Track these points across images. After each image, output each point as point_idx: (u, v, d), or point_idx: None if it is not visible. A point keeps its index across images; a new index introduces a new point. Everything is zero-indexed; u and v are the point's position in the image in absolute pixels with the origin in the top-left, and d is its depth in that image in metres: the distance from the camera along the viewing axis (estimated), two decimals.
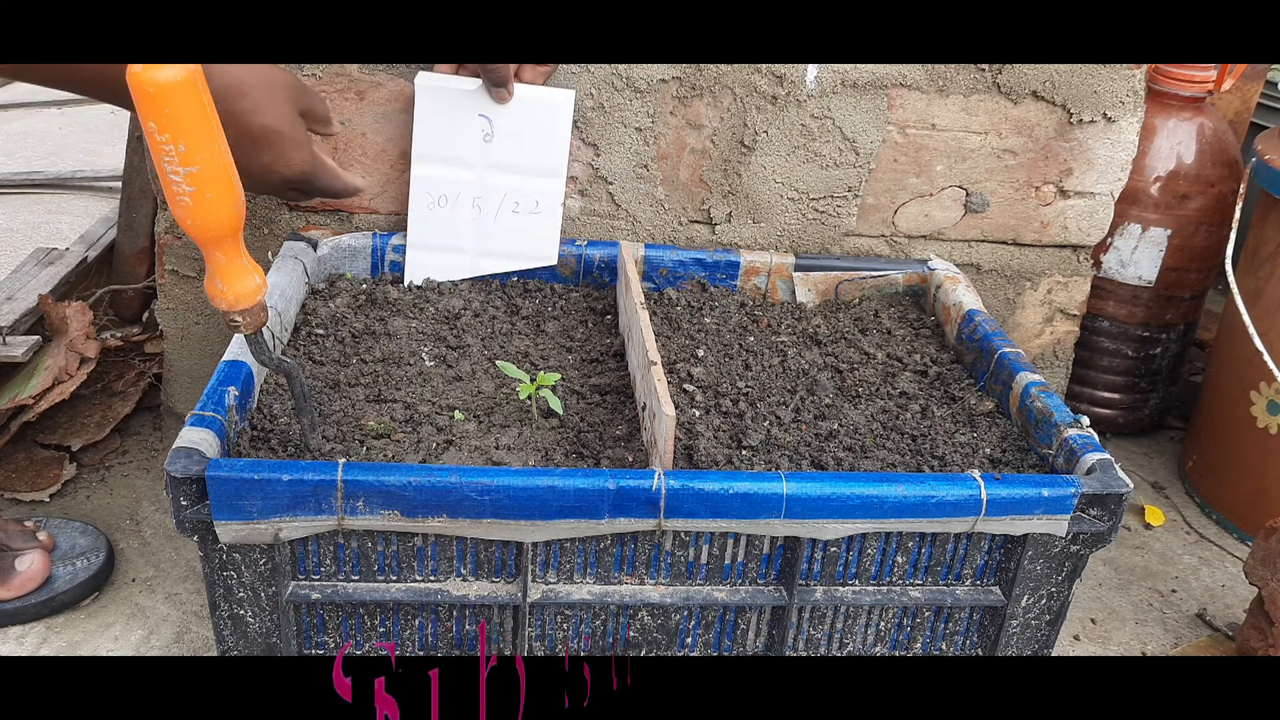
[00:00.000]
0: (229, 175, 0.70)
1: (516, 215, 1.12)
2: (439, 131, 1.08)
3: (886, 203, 1.22)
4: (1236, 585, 1.29)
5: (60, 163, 2.33)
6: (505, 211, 1.12)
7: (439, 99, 1.07)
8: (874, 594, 0.88)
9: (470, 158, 1.10)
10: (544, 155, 1.10)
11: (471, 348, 1.03)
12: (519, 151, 1.10)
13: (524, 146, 1.10)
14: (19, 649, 1.05)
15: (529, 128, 1.09)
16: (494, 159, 1.10)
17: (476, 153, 1.10)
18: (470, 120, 1.08)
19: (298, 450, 0.86)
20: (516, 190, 1.11)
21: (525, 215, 1.12)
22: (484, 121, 1.08)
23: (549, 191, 1.12)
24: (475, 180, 1.11)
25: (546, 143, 1.10)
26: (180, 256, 1.19)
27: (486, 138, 1.09)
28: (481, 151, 1.10)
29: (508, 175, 1.11)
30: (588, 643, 0.87)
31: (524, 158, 1.10)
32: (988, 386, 1.03)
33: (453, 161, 1.10)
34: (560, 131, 1.09)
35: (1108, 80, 1.17)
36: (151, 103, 0.65)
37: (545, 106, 1.08)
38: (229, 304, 0.76)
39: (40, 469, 1.28)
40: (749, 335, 1.11)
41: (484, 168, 1.11)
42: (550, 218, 1.13)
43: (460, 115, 1.08)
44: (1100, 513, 0.85)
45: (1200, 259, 1.47)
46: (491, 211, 1.12)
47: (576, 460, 0.88)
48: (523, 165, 1.11)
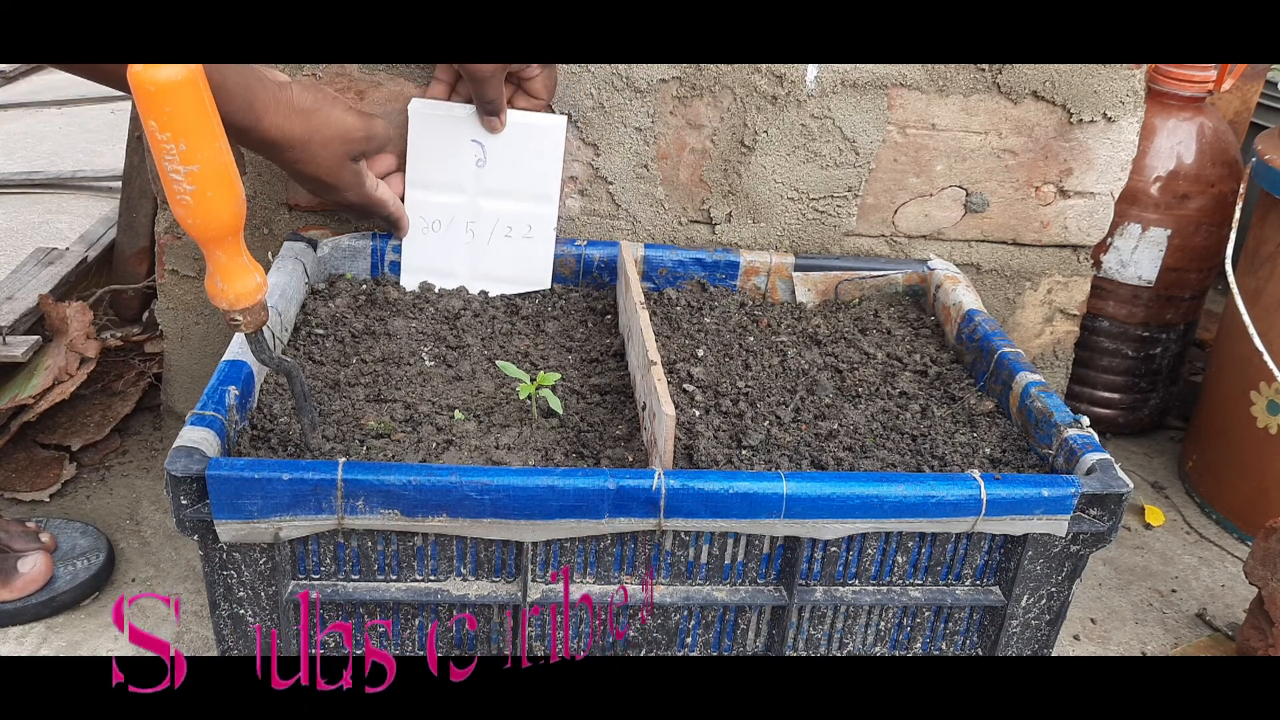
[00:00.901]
0: (229, 174, 0.70)
1: (509, 240, 1.13)
2: (432, 157, 1.09)
3: (886, 203, 1.22)
4: (1236, 585, 1.29)
5: (60, 163, 2.33)
6: (498, 236, 1.12)
7: (432, 124, 1.08)
8: (874, 594, 0.88)
9: (463, 183, 1.11)
10: (536, 180, 1.11)
11: (471, 348, 1.03)
12: (512, 177, 1.11)
13: (517, 172, 1.10)
14: (19, 649, 1.05)
15: (522, 153, 1.09)
16: (486, 184, 1.11)
17: (469, 178, 1.10)
18: (463, 146, 1.09)
19: (298, 450, 0.86)
20: (509, 215, 1.12)
21: (518, 240, 1.13)
22: (477, 147, 1.09)
23: (542, 217, 1.12)
24: (468, 205, 1.11)
25: (539, 168, 1.10)
26: (180, 256, 1.19)
27: (479, 163, 1.09)
28: (474, 177, 1.10)
29: (501, 200, 1.11)
30: (588, 643, 0.87)
31: (517, 183, 1.11)
32: (988, 386, 1.03)
33: (446, 187, 1.10)
34: (553, 157, 1.10)
35: (1108, 80, 1.17)
36: (152, 101, 0.65)
37: (537, 132, 1.09)
38: (229, 303, 0.76)
39: (40, 469, 1.28)
40: (749, 335, 1.11)
41: (477, 193, 1.11)
42: (543, 243, 1.13)
43: (453, 141, 1.08)
44: (1100, 513, 0.85)
45: (1200, 259, 1.47)
46: (485, 236, 1.12)
47: (576, 460, 0.88)
48: (515, 190, 1.11)
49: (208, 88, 0.67)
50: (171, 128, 0.66)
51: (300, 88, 0.93)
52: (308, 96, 0.93)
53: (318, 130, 0.93)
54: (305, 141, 0.93)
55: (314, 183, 0.97)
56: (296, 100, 0.92)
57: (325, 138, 0.94)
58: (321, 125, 0.94)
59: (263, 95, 0.89)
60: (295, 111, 0.91)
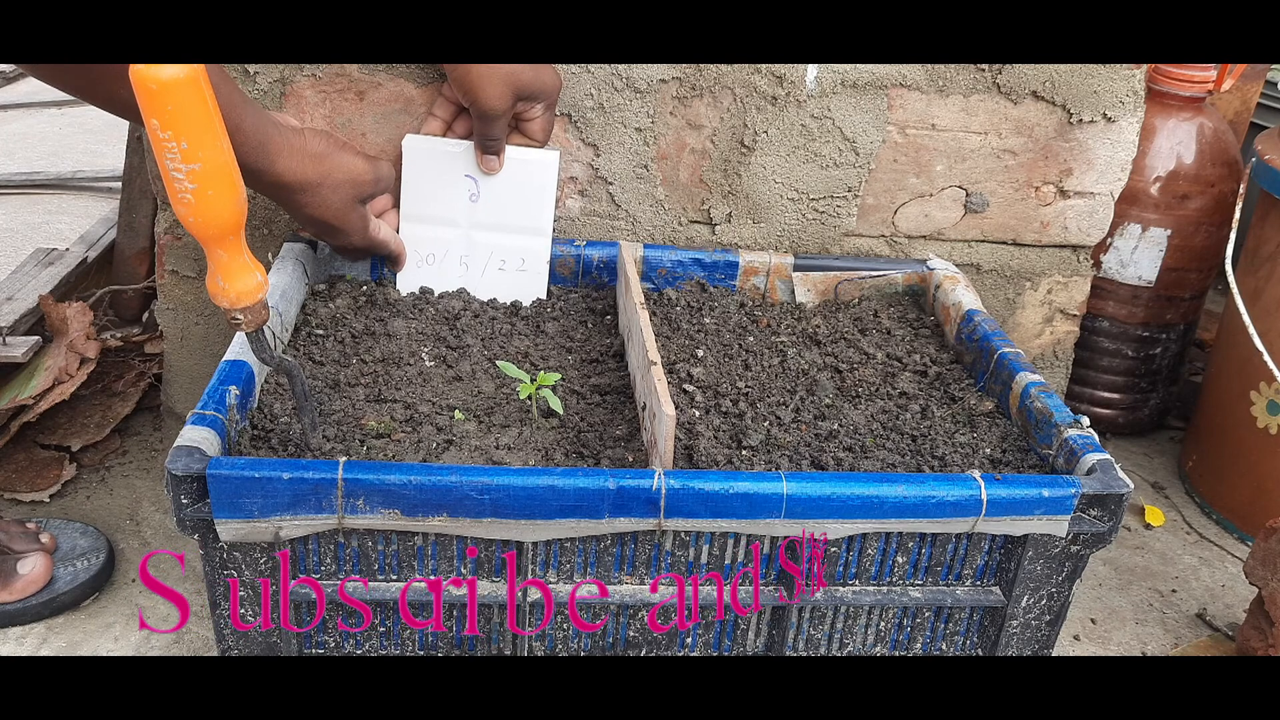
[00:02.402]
0: (231, 173, 0.70)
1: (503, 273, 1.13)
2: (427, 191, 1.09)
3: (886, 203, 1.22)
4: (1236, 585, 1.29)
5: (60, 163, 2.33)
6: (492, 269, 1.13)
7: (427, 160, 1.08)
8: (874, 594, 0.88)
9: (457, 217, 1.11)
10: (530, 214, 1.11)
11: (471, 348, 1.03)
12: (505, 211, 1.11)
13: (510, 206, 1.11)
14: (19, 649, 1.05)
15: (515, 187, 1.10)
16: (480, 218, 1.11)
17: (463, 212, 1.11)
18: (457, 180, 1.09)
19: (298, 449, 0.86)
20: (503, 249, 1.12)
21: (512, 273, 1.13)
22: (470, 182, 1.09)
23: (535, 250, 1.12)
24: (462, 238, 1.11)
25: (532, 202, 1.10)
26: (180, 256, 1.19)
27: (473, 197, 1.10)
28: (468, 211, 1.10)
29: (494, 234, 1.12)
30: (588, 643, 0.87)
31: (510, 217, 1.11)
32: (987, 387, 1.03)
33: (440, 221, 1.10)
34: (546, 191, 1.10)
35: (1108, 80, 1.17)
36: (154, 100, 0.65)
37: (531, 166, 1.09)
38: (230, 302, 0.76)
39: (40, 469, 1.28)
40: (749, 335, 1.11)
41: (470, 226, 1.11)
42: (536, 276, 1.13)
43: (447, 175, 1.09)
44: (1100, 513, 0.85)
45: (1200, 259, 1.47)
46: (478, 269, 1.12)
47: (576, 460, 0.88)
48: (509, 224, 1.11)
49: (209, 87, 0.67)
50: (173, 126, 0.66)
51: (312, 134, 0.95)
52: (320, 142, 0.95)
53: (329, 174, 0.95)
54: (317, 185, 0.95)
55: (321, 225, 0.99)
56: (309, 145, 0.94)
57: (336, 181, 0.96)
58: (333, 169, 0.96)
59: (277, 139, 0.91)
60: (308, 156, 0.93)
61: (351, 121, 1.12)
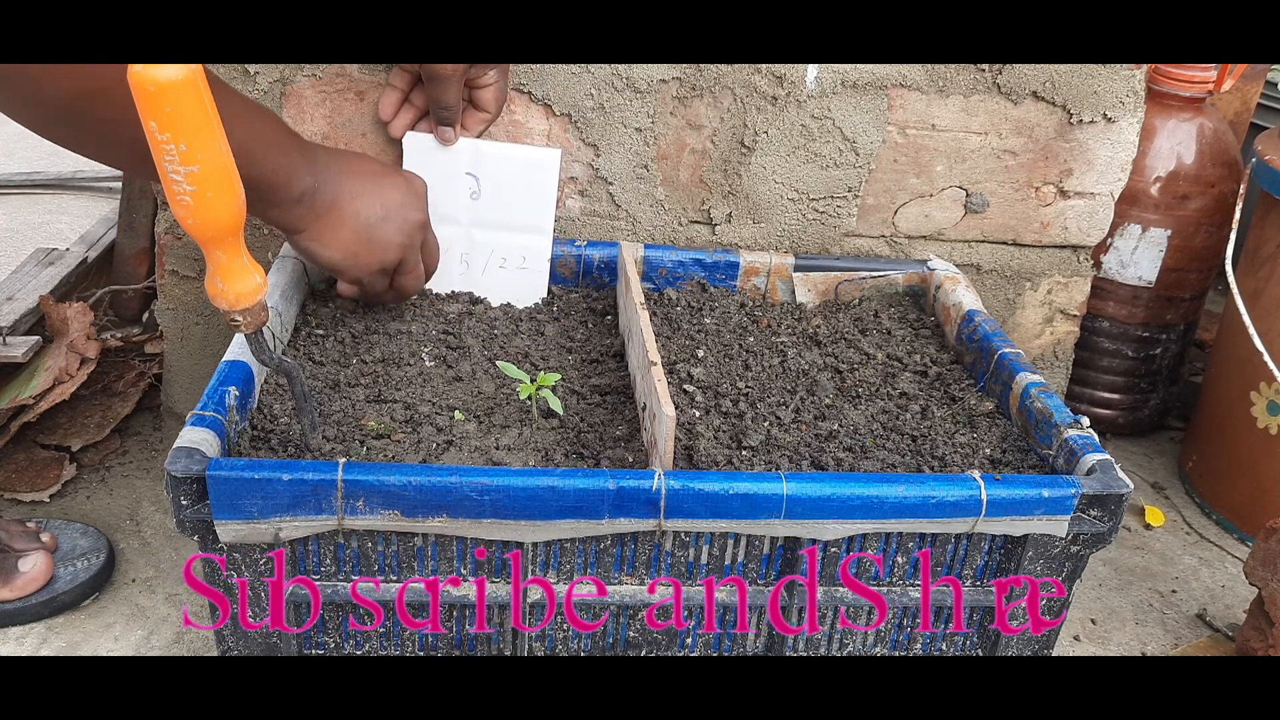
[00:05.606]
0: (230, 174, 0.70)
1: (504, 271, 1.13)
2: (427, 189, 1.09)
3: (886, 203, 1.22)
4: (1236, 585, 1.29)
5: (60, 163, 2.33)
6: (493, 267, 1.13)
7: (427, 157, 1.08)
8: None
9: (457, 215, 1.11)
10: (531, 212, 1.11)
11: (471, 348, 1.03)
12: (506, 209, 1.11)
13: (511, 204, 1.10)
14: (19, 649, 1.05)
15: (515, 186, 1.10)
16: (480, 216, 1.11)
17: (464, 210, 1.10)
18: (457, 178, 1.09)
19: (298, 450, 0.86)
20: (504, 247, 1.12)
21: (513, 271, 1.13)
22: (471, 180, 1.09)
23: (536, 249, 1.12)
24: (463, 236, 1.11)
25: (533, 200, 1.10)
26: (180, 257, 1.19)
27: (473, 195, 1.10)
28: (468, 209, 1.10)
29: (495, 232, 1.12)
30: (588, 643, 0.87)
31: (511, 215, 1.11)
32: (988, 387, 1.03)
33: (441, 219, 1.10)
34: (547, 189, 1.10)
35: (1108, 80, 1.17)
36: (152, 102, 0.65)
37: (532, 165, 1.09)
38: (230, 303, 0.76)
39: (40, 469, 1.28)
40: (749, 336, 1.11)
41: (471, 224, 1.11)
42: (537, 274, 1.13)
43: (448, 173, 1.09)
44: (1100, 513, 0.85)
45: (1200, 259, 1.47)
46: (479, 267, 1.12)
47: (576, 460, 0.88)
48: (509, 223, 1.11)
49: (208, 88, 0.67)
50: (172, 128, 0.66)
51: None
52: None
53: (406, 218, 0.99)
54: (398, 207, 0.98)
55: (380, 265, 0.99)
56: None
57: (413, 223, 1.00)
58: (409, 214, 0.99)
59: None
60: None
61: (351, 121, 1.12)
